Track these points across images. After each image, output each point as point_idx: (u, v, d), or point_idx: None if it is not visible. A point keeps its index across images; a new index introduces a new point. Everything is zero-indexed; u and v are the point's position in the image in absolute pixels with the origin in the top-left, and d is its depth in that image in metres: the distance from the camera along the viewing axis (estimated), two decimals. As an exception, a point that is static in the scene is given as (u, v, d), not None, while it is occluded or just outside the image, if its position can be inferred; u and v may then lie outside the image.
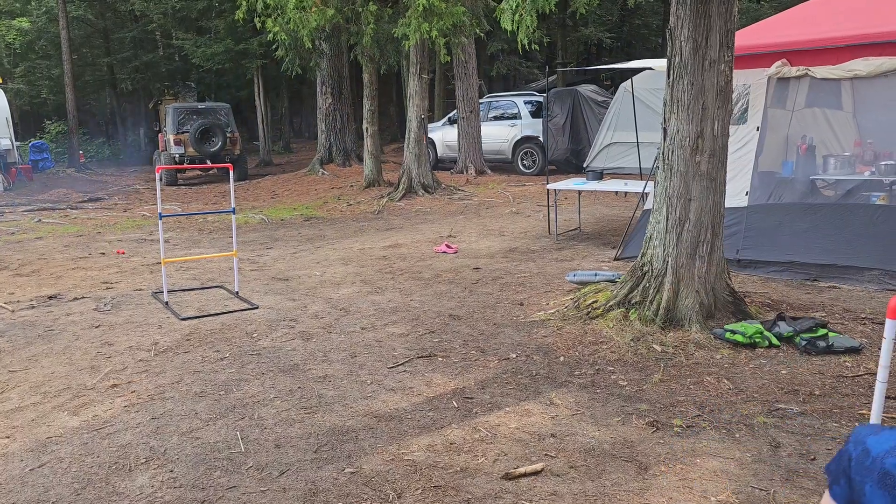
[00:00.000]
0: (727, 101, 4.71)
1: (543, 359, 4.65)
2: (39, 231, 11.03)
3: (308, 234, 10.14)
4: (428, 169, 13.09)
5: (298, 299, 6.33)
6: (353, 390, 4.22)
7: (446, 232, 9.52)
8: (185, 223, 11.31)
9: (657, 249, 4.98)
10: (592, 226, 9.50)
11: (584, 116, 15.97)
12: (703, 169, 4.73)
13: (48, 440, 3.69)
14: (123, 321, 5.80)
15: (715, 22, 4.49)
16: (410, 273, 7.22)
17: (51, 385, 4.46)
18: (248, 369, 4.61)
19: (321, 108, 18.04)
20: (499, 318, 5.58)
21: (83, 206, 14.08)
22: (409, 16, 10.48)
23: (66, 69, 21.58)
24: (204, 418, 3.88)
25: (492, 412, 3.88)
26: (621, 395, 4.06)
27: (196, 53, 20.76)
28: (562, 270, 6.99)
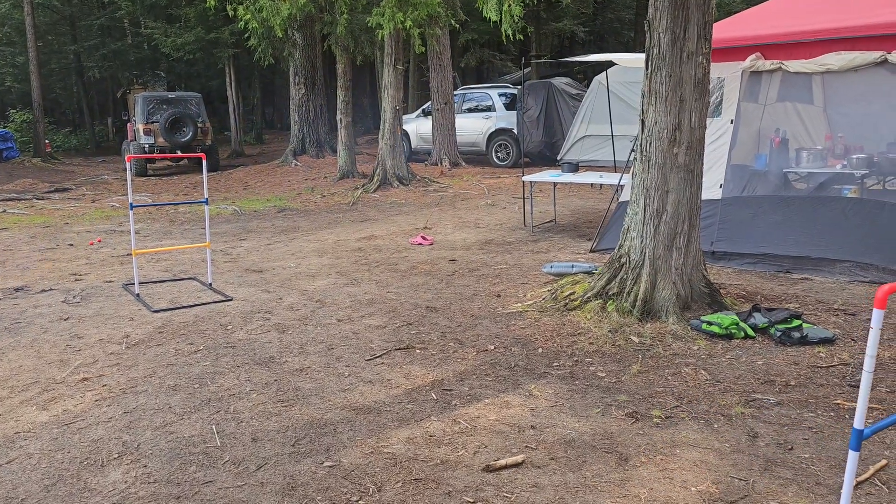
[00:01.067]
0: (704, 94, 4.72)
1: (522, 350, 4.64)
2: (4, 222, 10.77)
3: (282, 225, 10.02)
4: (403, 160, 13.03)
5: (273, 291, 6.25)
6: (330, 383, 4.17)
7: (422, 224, 9.47)
8: (156, 214, 11.12)
9: (635, 241, 4.99)
10: (568, 218, 9.52)
11: (559, 109, 16.00)
12: (681, 161, 4.74)
13: (16, 435, 3.59)
14: (93, 313, 5.67)
15: (693, 14, 4.50)
16: (386, 265, 7.17)
17: (18, 379, 4.35)
18: (223, 362, 4.54)
19: (294, 99, 17.85)
20: (476, 309, 5.56)
21: (50, 197, 13.79)
22: (383, 5, 10.38)
23: (31, 56, 21.09)
24: (178, 412, 3.81)
25: (471, 404, 3.86)
26: (600, 387, 4.07)
27: (166, 43, 20.40)
28: (538, 262, 6.99)
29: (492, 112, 16.75)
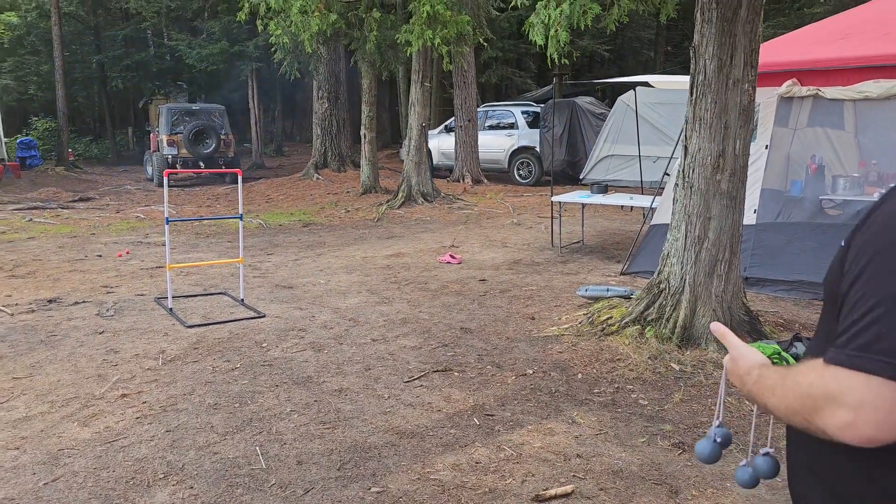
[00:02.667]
0: (749, 121, 4.70)
1: (561, 375, 4.60)
2: (31, 231, 10.85)
3: (308, 240, 10.04)
4: (428, 177, 13.05)
5: (305, 308, 6.24)
6: (370, 405, 4.15)
7: (448, 241, 9.46)
8: (182, 226, 11.17)
9: (675, 267, 4.95)
10: (595, 239, 9.48)
11: (582, 128, 16.00)
12: (724, 188, 4.71)
13: (60, 452, 3.58)
14: (127, 327, 5.68)
15: (740, 41, 4.48)
16: (416, 283, 7.15)
17: (58, 393, 4.35)
18: (261, 381, 4.52)
19: (317, 113, 17.94)
20: (511, 332, 5.53)
21: (74, 206, 13.89)
22: (413, 23, 10.43)
23: (56, 65, 21.31)
24: (220, 432, 3.79)
25: (514, 430, 3.83)
26: (643, 415, 4.02)
27: (190, 54, 20.59)
28: (569, 284, 6.96)
29: (514, 130, 16.77)
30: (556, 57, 3.80)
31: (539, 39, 3.80)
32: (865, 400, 1.00)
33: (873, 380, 1.00)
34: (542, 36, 3.75)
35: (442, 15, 10.11)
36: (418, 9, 10.21)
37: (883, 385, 0.99)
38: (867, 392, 1.00)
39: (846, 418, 1.01)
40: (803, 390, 1.07)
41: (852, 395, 1.01)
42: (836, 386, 1.03)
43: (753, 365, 1.25)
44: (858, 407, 1.00)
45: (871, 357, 1.00)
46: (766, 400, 1.17)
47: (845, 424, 1.02)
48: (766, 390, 1.16)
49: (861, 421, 1.00)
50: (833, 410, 1.02)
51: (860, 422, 1.00)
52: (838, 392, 1.02)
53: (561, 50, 3.77)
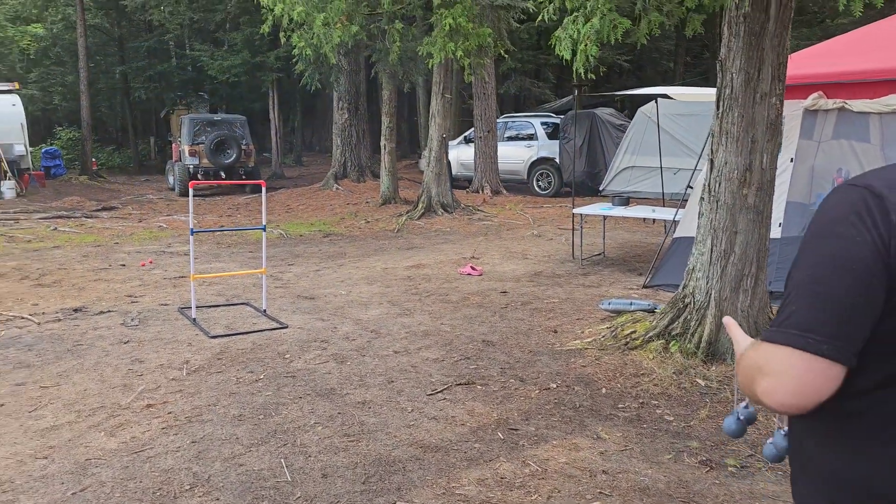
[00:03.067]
0: (777, 135, 4.66)
1: (585, 390, 4.57)
2: (56, 239, 10.98)
3: (328, 251, 10.08)
4: (448, 188, 13.07)
5: (327, 319, 6.26)
6: (394, 418, 4.14)
7: (469, 253, 9.45)
8: (204, 236, 11.25)
9: (700, 281, 4.91)
10: (616, 251, 9.44)
11: (602, 139, 15.96)
12: (751, 202, 4.68)
13: (87, 462, 3.61)
14: (152, 337, 5.72)
15: (768, 55, 4.46)
16: (437, 295, 7.15)
17: (84, 403, 4.39)
18: (285, 392, 4.53)
19: (337, 124, 18.05)
20: (533, 345, 5.51)
21: (98, 215, 14.04)
22: (435, 35, 10.47)
23: (81, 76, 21.63)
24: (245, 444, 3.80)
25: (539, 445, 3.80)
26: (669, 431, 3.98)
27: (212, 65, 20.81)
28: (591, 297, 6.92)
29: (534, 141, 16.77)
30: (584, 71, 3.79)
31: (566, 54, 3.80)
32: (779, 368, 1.14)
33: (786, 350, 1.13)
34: (570, 50, 3.75)
35: (464, 27, 10.13)
36: (440, 21, 10.24)
37: (793, 354, 1.12)
38: (781, 361, 1.14)
39: (767, 385, 1.15)
40: (746, 364, 1.23)
41: (771, 365, 1.15)
42: (762, 359, 1.17)
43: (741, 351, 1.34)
44: (776, 375, 1.14)
45: (785, 331, 1.14)
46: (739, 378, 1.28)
47: (767, 391, 1.15)
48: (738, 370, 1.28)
49: (777, 387, 1.14)
50: (760, 380, 1.16)
51: (777, 388, 1.14)
52: (763, 364, 1.17)
53: (588, 64, 3.77)
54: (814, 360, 1.11)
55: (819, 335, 1.11)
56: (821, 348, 1.11)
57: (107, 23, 27.24)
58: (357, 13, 10.51)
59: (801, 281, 1.16)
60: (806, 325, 1.12)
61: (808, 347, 1.11)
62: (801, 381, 1.12)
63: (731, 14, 4.51)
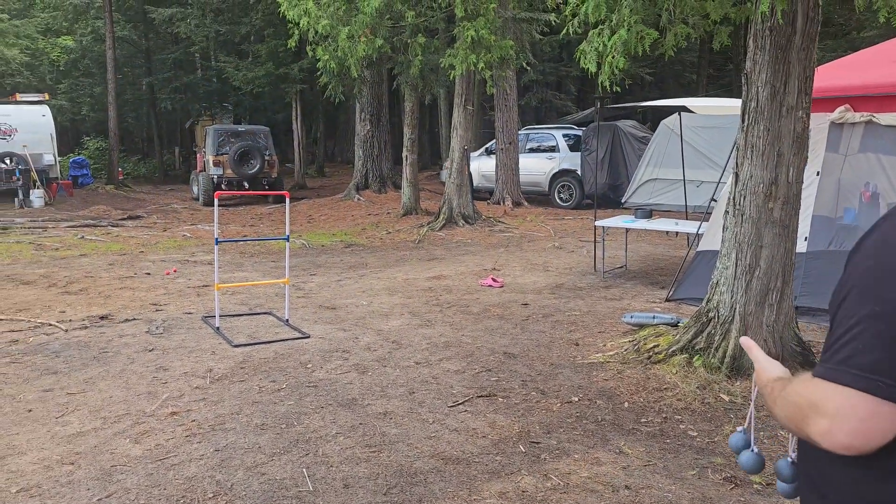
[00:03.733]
0: (803, 148, 4.63)
1: (607, 404, 4.55)
2: (83, 248, 11.14)
3: (350, 261, 10.12)
4: (469, 199, 13.09)
5: (349, 329, 6.29)
6: (415, 429, 4.14)
7: (490, 265, 9.45)
8: (227, 245, 11.35)
9: (724, 296, 4.87)
10: (638, 264, 9.39)
11: (624, 152, 15.91)
12: (776, 216, 4.64)
13: (112, 469, 3.64)
14: (176, 345, 5.78)
15: (794, 68, 4.43)
16: (458, 306, 7.15)
17: (110, 410, 4.44)
18: (307, 402, 4.55)
19: (359, 135, 18.16)
20: (555, 357, 5.49)
21: (123, 224, 14.23)
22: (457, 47, 10.52)
23: (109, 87, 21.98)
24: (268, 453, 3.82)
25: (561, 459, 3.78)
26: (693, 447, 3.95)
27: (237, 77, 21.06)
28: (613, 310, 6.89)
29: (555, 153, 16.76)
30: (609, 84, 3.79)
31: (592, 67, 3.80)
32: (841, 410, 1.10)
33: (848, 391, 1.09)
34: (595, 63, 3.76)
35: (486, 39, 10.18)
36: (462, 33, 10.30)
37: (856, 396, 1.08)
38: (843, 402, 1.10)
39: (825, 426, 1.11)
40: (794, 400, 1.19)
41: (830, 405, 1.11)
42: (817, 397, 1.13)
43: (770, 378, 1.34)
44: (835, 416, 1.10)
45: (847, 370, 1.10)
46: (774, 410, 1.27)
47: (824, 432, 1.11)
48: (774, 402, 1.27)
49: (837, 429, 1.10)
50: (816, 419, 1.13)
51: (836, 430, 1.10)
52: (819, 402, 1.13)
53: (614, 77, 3.77)
54: (882, 404, 1.08)
55: (889, 378, 1.07)
56: (891, 393, 1.07)
57: (135, 35, 27.70)
58: (381, 26, 10.60)
59: (865, 317, 1.11)
60: (872, 367, 1.08)
61: (878, 392, 1.07)
62: (867, 426, 1.08)
63: (757, 27, 4.49)
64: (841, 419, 1.10)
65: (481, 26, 10.16)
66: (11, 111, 18.26)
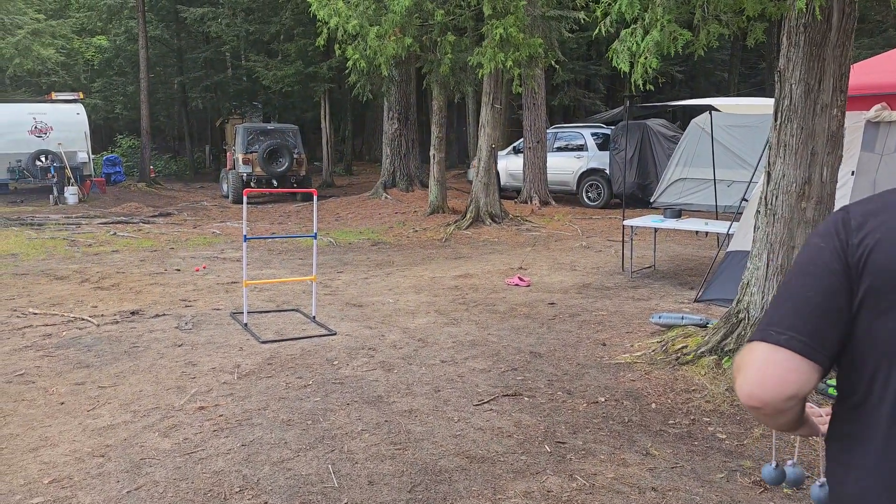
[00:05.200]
0: (837, 147, 4.54)
1: (634, 405, 4.50)
2: (115, 244, 11.32)
3: (377, 259, 10.16)
4: (496, 198, 13.06)
5: (375, 327, 6.30)
6: (441, 427, 4.14)
7: (517, 264, 9.42)
8: (256, 242, 11.46)
9: (755, 296, 4.80)
10: (667, 264, 9.29)
11: (653, 151, 15.75)
12: (809, 216, 4.56)
13: (142, 461, 3.69)
14: (205, 341, 5.84)
15: (829, 65, 4.35)
16: (484, 305, 7.14)
17: (140, 404, 4.50)
18: (333, 398, 4.58)
19: (387, 133, 18.22)
20: (581, 357, 5.45)
21: (154, 221, 14.43)
22: (485, 45, 10.51)
23: (142, 86, 22.30)
24: (294, 448, 3.85)
25: (586, 459, 3.76)
26: (721, 450, 3.89)
27: (267, 76, 21.24)
28: (641, 310, 6.82)
29: (584, 152, 16.65)
30: (642, 83, 3.75)
31: (625, 66, 3.76)
32: (746, 362, 1.22)
33: (752, 345, 1.22)
34: (628, 63, 3.72)
35: (514, 38, 10.15)
36: (491, 32, 10.28)
37: (757, 347, 1.21)
38: (747, 355, 1.23)
39: (738, 381, 1.23)
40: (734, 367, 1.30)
41: (740, 361, 1.24)
42: (738, 358, 1.26)
43: None
44: (743, 368, 1.22)
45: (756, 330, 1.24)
46: None
47: (738, 387, 1.23)
48: None
49: (744, 380, 1.21)
50: (735, 378, 1.25)
51: (744, 381, 1.21)
52: (738, 361, 1.26)
53: (647, 76, 3.72)
54: (773, 350, 1.18)
55: (779, 327, 1.19)
56: (779, 339, 1.18)
57: (167, 35, 28.07)
58: (410, 25, 10.62)
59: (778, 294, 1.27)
60: (769, 321, 1.22)
61: (769, 338, 1.19)
62: (763, 373, 1.18)
63: (791, 24, 4.41)
64: (746, 370, 1.21)
65: (510, 24, 10.14)
66: (47, 110, 18.61)
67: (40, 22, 21.46)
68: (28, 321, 6.47)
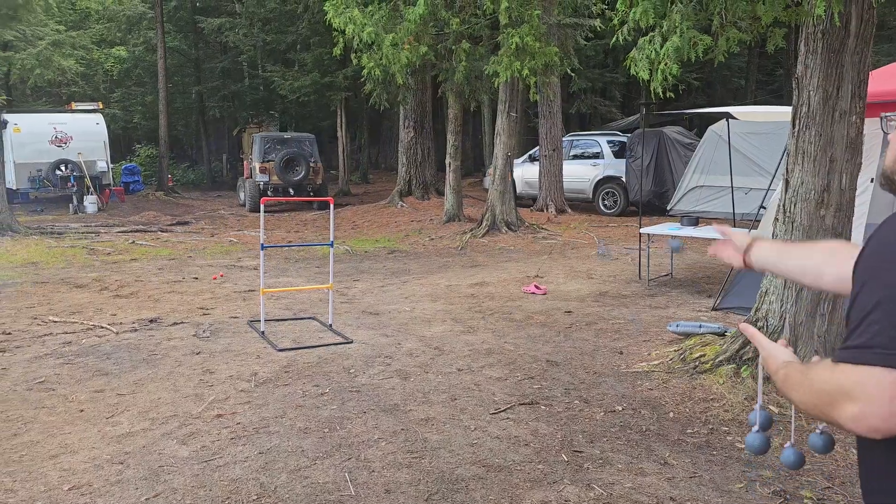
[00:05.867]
0: (857, 154, 4.50)
1: (652, 414, 4.48)
2: (134, 252, 11.42)
3: (393, 267, 10.18)
4: (512, 206, 13.05)
5: (391, 335, 6.31)
6: (457, 436, 4.14)
7: (533, 272, 9.40)
8: (272, 250, 11.52)
9: (774, 305, 4.76)
10: (684, 272, 9.24)
11: (670, 158, 15.69)
12: (828, 223, 4.52)
13: (160, 469, 3.72)
14: (222, 349, 5.88)
15: (848, 72, 4.32)
16: (501, 313, 7.13)
17: (158, 411, 4.53)
18: (350, 406, 4.58)
19: (403, 142, 18.28)
20: (598, 366, 5.43)
21: (172, 230, 14.55)
22: (501, 54, 10.52)
23: (161, 96, 22.54)
24: (311, 456, 3.86)
25: (604, 468, 3.73)
26: (741, 459, 3.86)
27: (284, 85, 21.40)
28: (658, 318, 6.79)
29: (600, 159, 16.61)
30: (661, 91, 3.74)
31: (644, 74, 3.75)
32: (869, 391, 1.09)
33: (873, 370, 1.08)
34: (647, 70, 3.71)
35: (530, 46, 10.15)
36: (507, 40, 10.29)
37: (881, 373, 1.08)
38: (869, 382, 1.09)
39: (854, 411, 1.10)
40: (818, 387, 1.18)
41: (857, 388, 1.10)
42: (844, 381, 1.12)
43: (780, 364, 1.37)
44: (863, 399, 1.09)
45: (868, 351, 1.09)
46: (792, 396, 1.28)
47: (854, 417, 1.10)
48: (791, 388, 1.28)
49: (868, 412, 1.09)
50: (843, 404, 1.11)
51: (866, 412, 1.09)
52: (846, 386, 1.11)
53: (666, 83, 3.71)
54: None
55: None
56: None
57: (185, 45, 28.39)
58: (425, 34, 10.65)
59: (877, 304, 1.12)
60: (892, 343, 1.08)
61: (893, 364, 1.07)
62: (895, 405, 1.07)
63: (809, 30, 4.39)
64: (868, 400, 1.08)
65: (526, 33, 10.14)
66: (67, 120, 18.87)
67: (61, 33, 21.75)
68: (48, 329, 6.54)
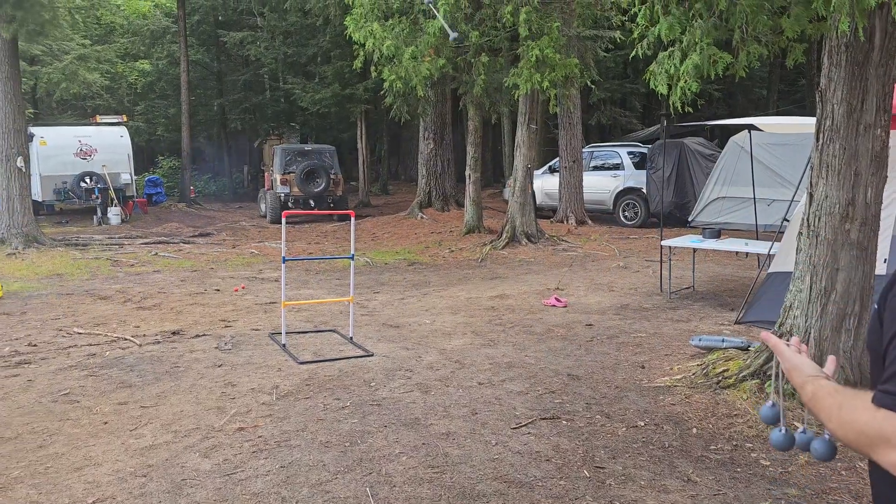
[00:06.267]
0: (882, 167, 4.45)
1: (674, 429, 4.44)
2: (156, 264, 11.54)
3: (413, 279, 10.20)
4: (532, 218, 13.03)
5: (412, 348, 6.32)
6: (478, 450, 4.13)
7: (553, 284, 9.37)
8: (293, 262, 11.58)
9: (798, 319, 4.70)
10: (706, 285, 9.16)
11: (691, 170, 15.60)
12: (854, 238, 4.46)
13: (182, 482, 3.74)
14: (244, 362, 5.91)
15: (872, 84, 4.28)
16: (521, 326, 7.11)
17: (181, 424, 4.56)
18: (370, 420, 4.59)
19: (423, 153, 18.34)
20: (620, 380, 5.39)
21: (195, 241, 14.68)
22: (521, 66, 10.55)
23: (183, 109, 22.82)
24: (332, 470, 3.86)
25: (626, 485, 3.70)
26: (765, 477, 3.81)
27: (304, 98, 21.58)
28: (680, 332, 6.73)
29: (620, 171, 16.56)
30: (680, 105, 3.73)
31: (662, 89, 3.75)
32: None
33: None
34: (666, 85, 3.71)
35: (550, 58, 10.18)
36: (527, 53, 10.33)
37: None
38: None
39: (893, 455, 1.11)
40: (859, 428, 1.18)
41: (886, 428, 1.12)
42: (886, 428, 1.13)
43: (807, 380, 1.37)
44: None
45: None
46: (824, 421, 1.28)
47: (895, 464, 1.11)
48: (823, 413, 1.28)
49: None
50: (886, 450, 1.12)
51: None
52: (887, 433, 1.12)
53: (685, 98, 3.71)
54: None
55: None
56: None
57: (207, 58, 28.75)
58: (444, 46, 10.72)
59: None
60: None
61: None
62: None
63: (832, 44, 4.36)
64: None
65: (545, 45, 10.18)
66: (92, 132, 19.15)
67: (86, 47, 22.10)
68: (73, 340, 6.63)
